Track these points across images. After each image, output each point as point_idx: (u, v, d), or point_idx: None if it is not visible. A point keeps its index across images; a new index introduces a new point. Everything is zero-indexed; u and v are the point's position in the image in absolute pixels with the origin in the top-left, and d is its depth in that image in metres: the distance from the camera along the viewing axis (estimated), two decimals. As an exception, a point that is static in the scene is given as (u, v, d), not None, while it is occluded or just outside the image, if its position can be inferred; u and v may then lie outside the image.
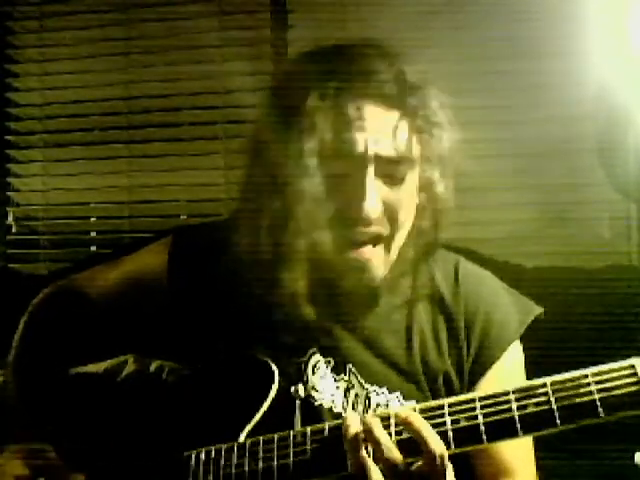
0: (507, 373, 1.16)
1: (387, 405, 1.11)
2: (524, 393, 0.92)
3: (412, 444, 0.91)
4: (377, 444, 0.91)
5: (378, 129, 1.02)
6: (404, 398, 1.12)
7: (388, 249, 1.09)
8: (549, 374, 0.95)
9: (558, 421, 0.89)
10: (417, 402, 1.10)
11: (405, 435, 0.93)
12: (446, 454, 0.90)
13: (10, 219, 2.42)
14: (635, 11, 1.76)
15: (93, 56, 2.35)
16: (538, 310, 1.20)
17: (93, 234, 2.41)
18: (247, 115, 2.25)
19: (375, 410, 1.10)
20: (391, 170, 1.04)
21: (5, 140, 2.40)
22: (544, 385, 0.92)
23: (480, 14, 2.00)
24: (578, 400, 0.89)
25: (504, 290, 1.21)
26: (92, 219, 2.42)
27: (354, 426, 0.93)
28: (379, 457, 0.91)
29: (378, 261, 1.08)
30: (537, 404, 0.90)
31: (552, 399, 0.90)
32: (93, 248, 2.40)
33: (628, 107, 1.78)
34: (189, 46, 2.28)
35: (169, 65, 2.30)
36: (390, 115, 1.03)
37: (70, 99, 2.37)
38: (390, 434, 0.92)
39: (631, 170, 1.80)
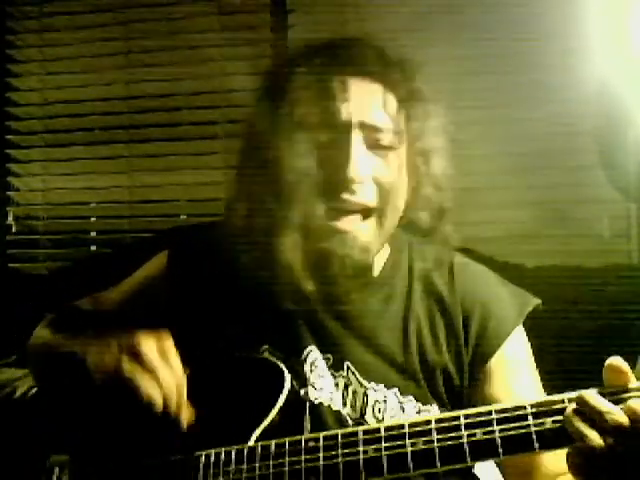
0: (509, 364, 1.14)
1: (385, 402, 1.10)
2: (542, 408, 0.87)
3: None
4: (600, 414, 0.82)
5: (362, 99, 1.07)
6: (401, 394, 1.11)
7: (380, 224, 1.10)
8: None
9: None
10: (415, 397, 1.11)
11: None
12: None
13: (10, 219, 2.42)
14: (636, 11, 1.76)
15: (93, 56, 2.35)
16: (536, 301, 1.18)
17: (93, 234, 2.41)
18: (247, 115, 2.25)
19: (373, 407, 1.10)
20: (377, 138, 1.07)
21: (5, 139, 2.40)
22: (562, 401, 0.87)
23: (480, 14, 2.00)
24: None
25: (500, 283, 1.21)
26: (92, 219, 2.42)
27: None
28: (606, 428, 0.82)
29: (368, 235, 1.08)
30: (555, 421, 0.86)
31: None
32: (93, 248, 2.40)
33: (628, 107, 1.78)
34: (189, 46, 2.28)
35: (169, 65, 2.30)
36: (374, 88, 1.08)
37: (71, 99, 2.38)
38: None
39: (631, 170, 1.80)
